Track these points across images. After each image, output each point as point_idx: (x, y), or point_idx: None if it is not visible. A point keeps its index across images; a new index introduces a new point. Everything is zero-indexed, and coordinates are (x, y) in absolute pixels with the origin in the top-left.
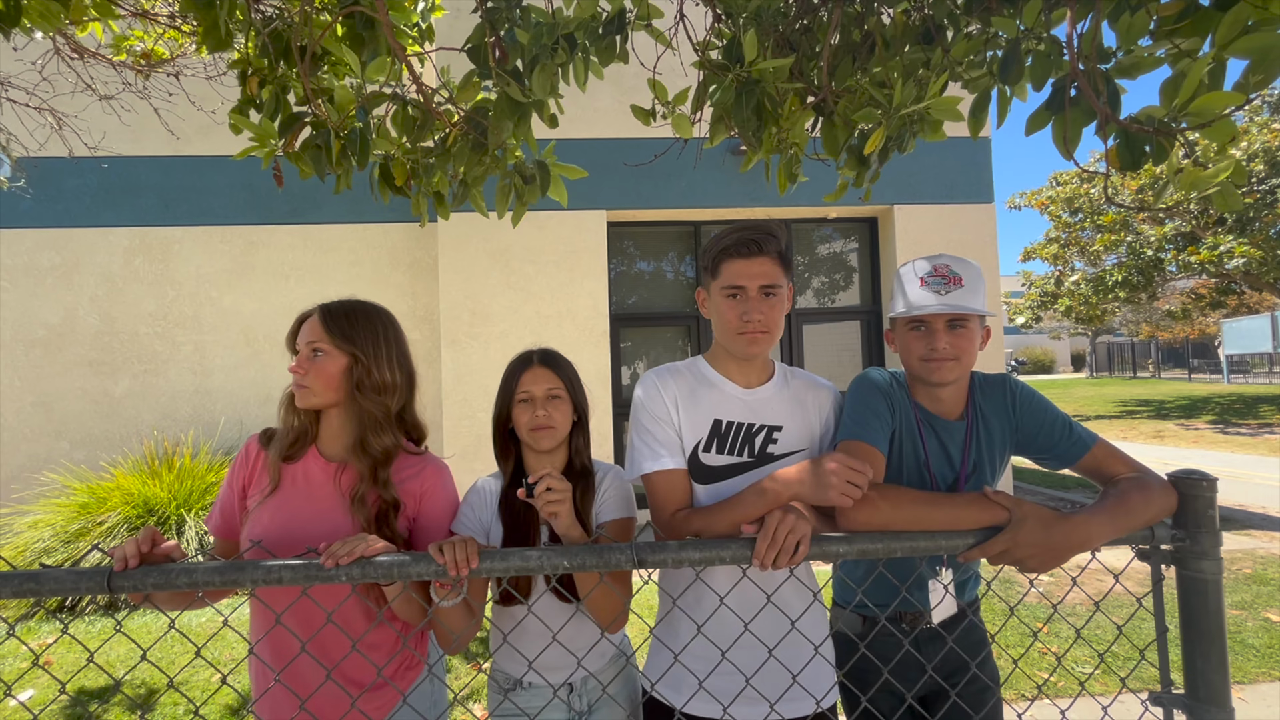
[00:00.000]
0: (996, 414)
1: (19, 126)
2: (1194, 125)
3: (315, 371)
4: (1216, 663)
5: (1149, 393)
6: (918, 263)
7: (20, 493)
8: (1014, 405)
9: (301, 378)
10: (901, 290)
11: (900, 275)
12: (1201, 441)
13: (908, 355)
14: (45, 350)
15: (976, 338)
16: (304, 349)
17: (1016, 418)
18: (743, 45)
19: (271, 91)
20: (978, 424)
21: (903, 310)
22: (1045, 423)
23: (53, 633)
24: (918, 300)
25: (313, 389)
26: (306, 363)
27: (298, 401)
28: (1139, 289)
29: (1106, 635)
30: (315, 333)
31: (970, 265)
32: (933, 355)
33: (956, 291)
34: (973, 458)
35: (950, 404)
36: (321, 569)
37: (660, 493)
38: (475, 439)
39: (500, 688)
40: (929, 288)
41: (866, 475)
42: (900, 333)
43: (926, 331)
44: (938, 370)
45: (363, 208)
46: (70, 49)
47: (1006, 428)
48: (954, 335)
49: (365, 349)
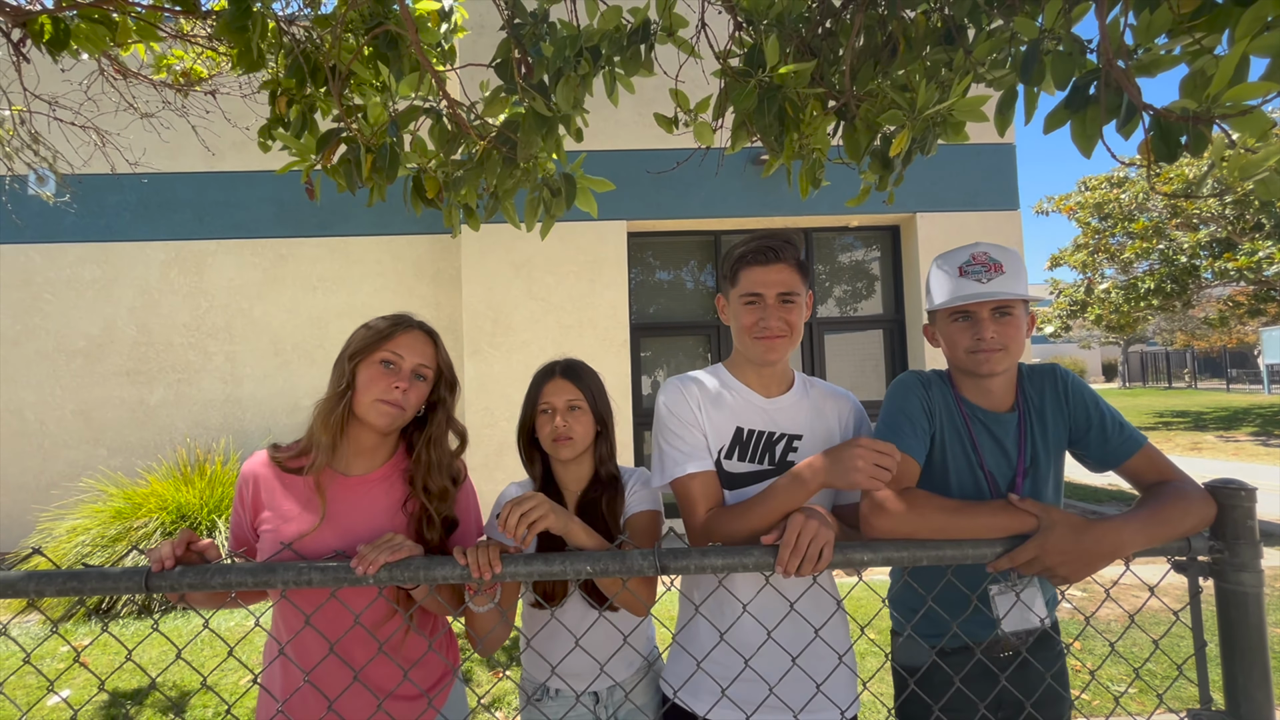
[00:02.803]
0: (1050, 403)
1: (65, 144)
2: (1228, 116)
3: (416, 395)
4: (1259, 678)
5: (1185, 403)
6: (954, 253)
7: (61, 499)
8: (1066, 395)
9: (402, 397)
10: (940, 281)
11: (936, 267)
12: (1242, 454)
13: (953, 348)
14: (85, 360)
15: (1023, 325)
16: (410, 368)
17: (1070, 408)
18: (764, 51)
19: (299, 111)
20: (1030, 415)
21: (944, 301)
22: (1097, 416)
23: (89, 634)
24: (960, 289)
25: (408, 413)
26: (408, 383)
27: (390, 421)
28: (1173, 297)
29: (1140, 653)
30: (428, 356)
31: (1009, 251)
32: (980, 346)
33: (999, 278)
34: (1029, 451)
35: (1000, 396)
36: (350, 572)
37: (693, 496)
38: (498, 447)
39: (528, 696)
40: (970, 276)
41: (895, 458)
42: (943, 325)
43: (972, 322)
44: (987, 361)
45: (388, 220)
46: (114, 70)
47: (1060, 418)
48: (1000, 324)
49: (454, 385)
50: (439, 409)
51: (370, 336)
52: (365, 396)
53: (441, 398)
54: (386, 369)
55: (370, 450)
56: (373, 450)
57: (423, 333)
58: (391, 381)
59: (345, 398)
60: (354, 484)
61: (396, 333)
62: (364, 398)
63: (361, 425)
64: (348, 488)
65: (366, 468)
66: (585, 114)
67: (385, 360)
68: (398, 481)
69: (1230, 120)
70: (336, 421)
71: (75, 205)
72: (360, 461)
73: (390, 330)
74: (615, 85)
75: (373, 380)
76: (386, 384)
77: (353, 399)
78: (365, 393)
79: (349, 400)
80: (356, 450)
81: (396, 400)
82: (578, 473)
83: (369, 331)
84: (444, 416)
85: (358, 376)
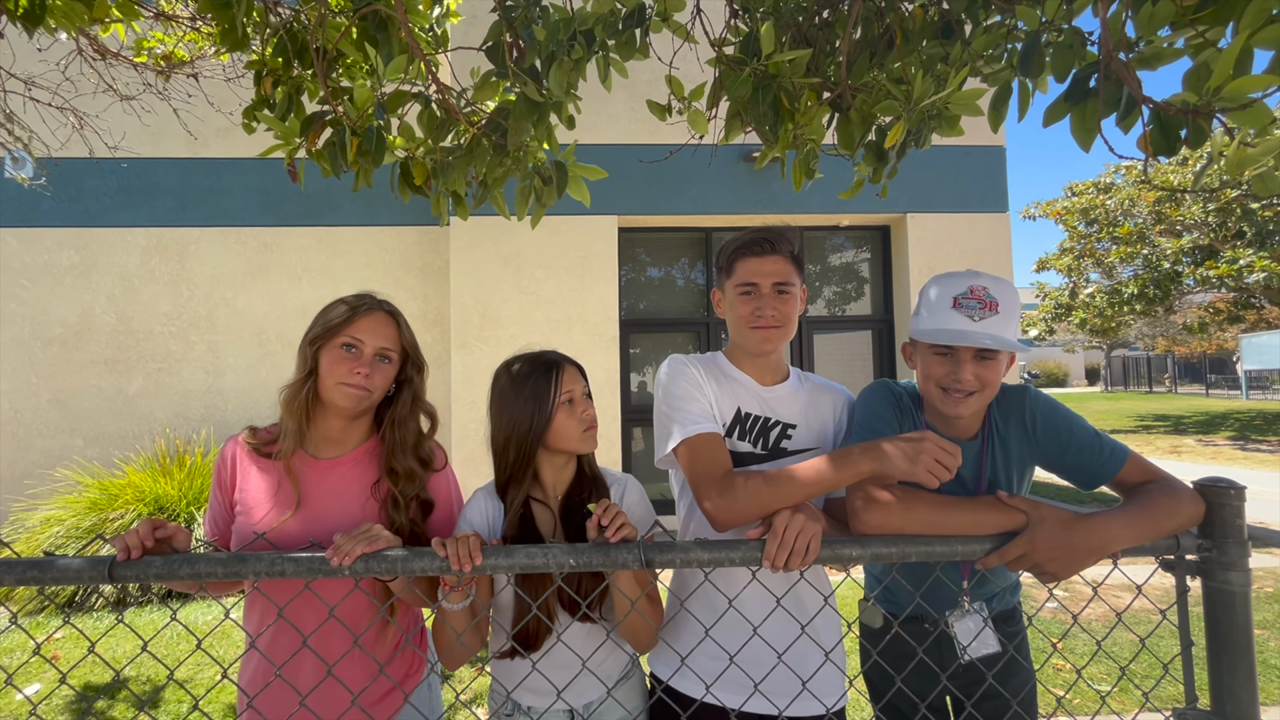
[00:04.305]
0: (1014, 432)
1: (41, 126)
2: (1229, 109)
3: (381, 377)
4: (1244, 678)
5: (1166, 407)
6: (952, 278)
7: (34, 489)
8: (1034, 424)
9: (366, 380)
10: (930, 307)
11: (930, 290)
12: (1220, 457)
13: (925, 379)
14: (62, 348)
15: (1003, 366)
16: (373, 351)
17: (1036, 436)
18: (760, 39)
19: (285, 92)
20: (993, 443)
21: (930, 331)
22: (1072, 441)
23: (62, 629)
24: (950, 323)
25: (374, 395)
26: (370, 367)
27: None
28: (1155, 302)
29: (1124, 652)
30: (390, 338)
31: (1007, 288)
32: (954, 385)
33: (991, 319)
34: (987, 478)
35: (965, 425)
36: (325, 563)
37: (704, 453)
38: (483, 441)
39: (499, 714)
40: (962, 310)
41: (957, 460)
42: (921, 352)
43: (952, 359)
44: (957, 404)
45: (376, 210)
46: (93, 49)
47: (1024, 447)
48: (981, 366)
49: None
50: (404, 389)
51: (331, 320)
52: (329, 380)
53: (409, 378)
54: (348, 353)
55: (340, 433)
56: (343, 433)
57: (384, 314)
58: (353, 366)
59: (309, 382)
60: (326, 468)
61: (357, 315)
62: (328, 381)
63: (328, 408)
64: (320, 471)
65: (338, 451)
66: (578, 100)
67: (346, 344)
68: (370, 465)
69: (1231, 114)
70: (301, 406)
71: (52, 189)
72: (331, 445)
73: (351, 313)
74: (609, 70)
75: (335, 364)
76: (348, 368)
77: (317, 383)
78: (328, 376)
79: (313, 384)
80: (325, 434)
81: (359, 383)
82: (567, 474)
83: (330, 314)
84: (410, 397)
85: (320, 361)
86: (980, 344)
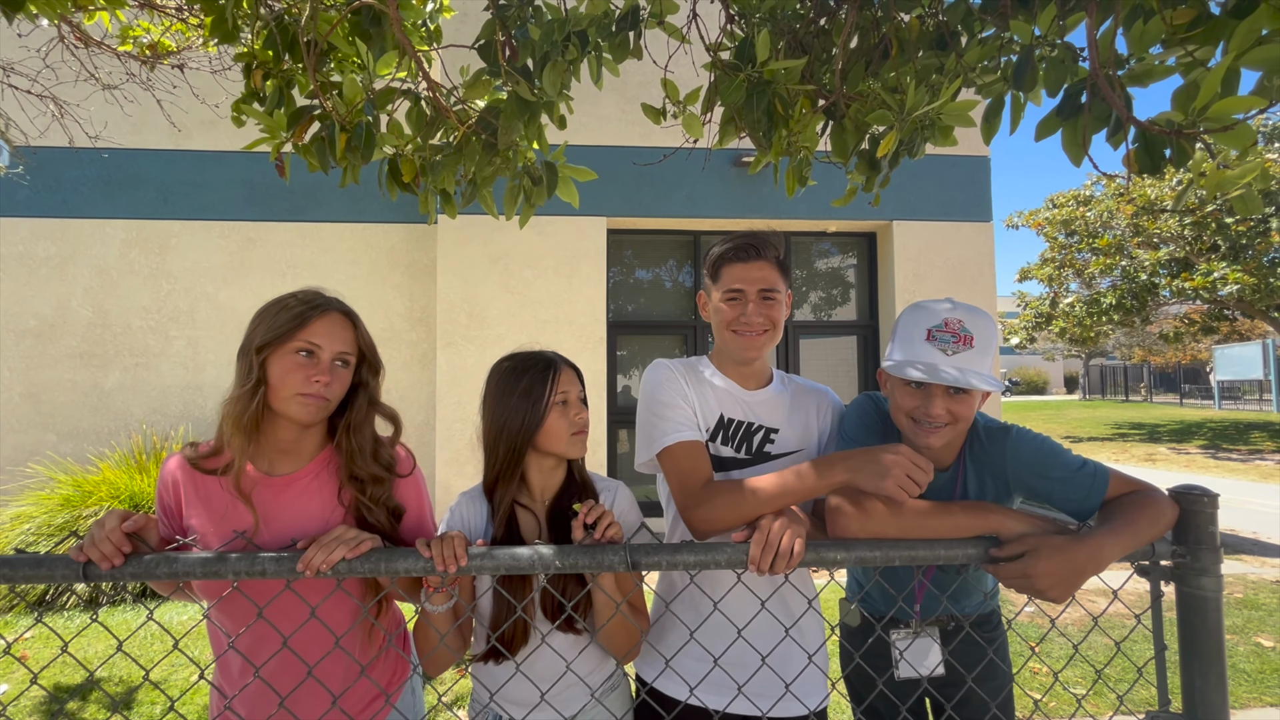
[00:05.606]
0: (990, 470)
1: (19, 113)
2: (1212, 130)
3: (340, 384)
4: (1215, 682)
5: (1141, 416)
6: (928, 308)
7: (5, 485)
8: (1009, 468)
9: (324, 389)
10: (903, 337)
11: (905, 319)
12: (1193, 466)
13: (897, 410)
14: (36, 341)
15: (977, 401)
16: (330, 356)
17: (1015, 477)
18: (755, 46)
19: (275, 85)
20: (966, 476)
21: (900, 363)
22: (1056, 483)
23: (33, 629)
24: (921, 356)
25: (332, 403)
26: (329, 374)
27: (312, 415)
28: (1132, 312)
29: (1099, 656)
30: (348, 341)
31: (984, 320)
32: (925, 418)
33: (965, 354)
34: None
35: (939, 454)
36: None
37: (685, 463)
38: (469, 441)
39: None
40: (936, 344)
41: (928, 476)
42: (894, 382)
43: (923, 393)
44: (928, 435)
45: (363, 207)
46: (75, 37)
47: (1000, 486)
48: (953, 401)
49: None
50: (360, 392)
51: (282, 323)
52: (283, 390)
53: (364, 380)
54: (304, 359)
55: (293, 445)
56: (296, 445)
57: (340, 314)
58: (310, 374)
59: (258, 394)
60: (281, 484)
61: (312, 317)
62: (281, 392)
63: (279, 420)
64: (275, 489)
65: (293, 465)
66: (570, 100)
67: (301, 349)
68: (329, 477)
69: (1215, 134)
70: (251, 420)
71: (29, 178)
72: (284, 459)
73: (305, 314)
74: (600, 70)
75: (288, 372)
76: (304, 376)
77: (267, 394)
78: (282, 386)
79: (263, 395)
80: (277, 448)
81: (318, 393)
82: (556, 479)
83: (278, 316)
84: (365, 401)
85: (269, 370)
86: (949, 383)
